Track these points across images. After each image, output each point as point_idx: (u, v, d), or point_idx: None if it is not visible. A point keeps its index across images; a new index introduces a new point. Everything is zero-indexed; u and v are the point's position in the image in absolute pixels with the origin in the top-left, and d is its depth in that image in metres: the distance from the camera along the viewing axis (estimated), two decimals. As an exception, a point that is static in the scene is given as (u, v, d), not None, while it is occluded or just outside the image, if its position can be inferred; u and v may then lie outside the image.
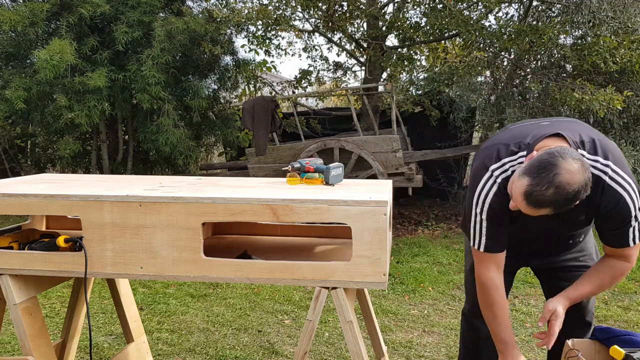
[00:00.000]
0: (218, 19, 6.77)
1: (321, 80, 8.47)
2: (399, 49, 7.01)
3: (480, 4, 6.44)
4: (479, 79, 6.86)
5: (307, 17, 7.41)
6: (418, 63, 7.40)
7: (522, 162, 1.64)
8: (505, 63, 6.63)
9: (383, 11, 7.09)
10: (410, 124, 7.56)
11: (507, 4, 6.69)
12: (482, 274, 1.79)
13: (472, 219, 1.75)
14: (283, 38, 8.22)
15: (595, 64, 5.54)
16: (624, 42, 5.52)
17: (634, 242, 1.73)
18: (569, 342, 2.29)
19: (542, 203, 1.51)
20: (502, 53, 6.45)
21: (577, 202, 1.55)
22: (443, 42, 7.60)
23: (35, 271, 1.73)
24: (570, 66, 6.19)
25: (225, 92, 8.09)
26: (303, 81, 7.99)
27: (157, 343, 3.10)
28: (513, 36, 5.89)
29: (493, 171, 1.68)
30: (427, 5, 6.51)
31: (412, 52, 7.00)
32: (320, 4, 6.70)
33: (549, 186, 1.48)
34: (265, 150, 6.60)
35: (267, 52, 8.09)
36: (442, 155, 6.51)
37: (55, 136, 7.21)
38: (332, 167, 1.90)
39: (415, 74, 7.45)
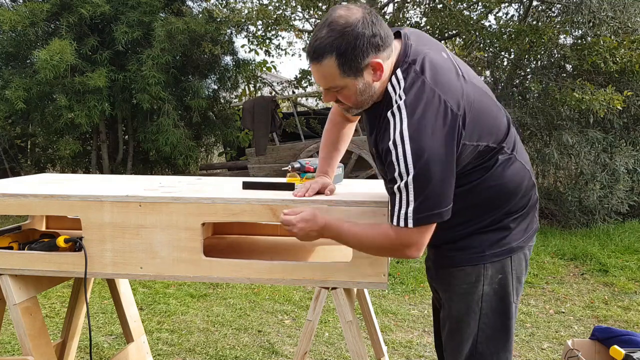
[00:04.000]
0: (218, 19, 6.77)
1: (321, 80, 8.46)
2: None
3: (480, 4, 6.44)
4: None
5: (307, 17, 7.41)
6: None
7: None
8: (505, 63, 6.64)
9: (383, 11, 7.09)
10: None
11: (507, 4, 6.69)
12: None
13: None
14: (283, 38, 8.25)
15: (595, 64, 5.54)
16: (624, 42, 5.52)
17: (398, 223, 1.32)
18: (569, 342, 2.29)
19: (317, 48, 1.32)
20: (502, 53, 6.45)
21: (359, 43, 1.28)
22: (443, 42, 7.60)
23: (35, 271, 1.73)
24: (570, 66, 6.20)
25: (225, 92, 8.10)
26: (303, 81, 8.00)
27: (157, 343, 3.10)
28: (513, 36, 5.90)
29: None
30: (427, 5, 6.52)
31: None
32: (320, 4, 6.70)
33: (322, 27, 1.33)
34: (265, 150, 6.60)
35: (267, 52, 8.09)
36: None
37: (55, 136, 7.22)
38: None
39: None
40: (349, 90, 1.38)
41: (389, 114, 1.32)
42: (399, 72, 1.35)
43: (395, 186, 1.31)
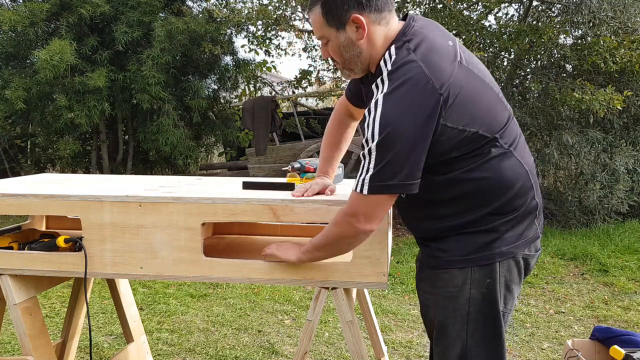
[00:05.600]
0: (218, 19, 6.77)
1: (321, 80, 8.47)
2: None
3: (480, 4, 6.44)
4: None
5: (307, 17, 7.40)
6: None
7: None
8: (505, 63, 6.63)
9: (383, 11, 7.08)
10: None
11: (507, 4, 6.69)
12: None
13: None
14: (283, 38, 8.23)
15: (595, 64, 5.54)
16: (624, 42, 5.52)
17: (355, 188, 1.35)
18: (569, 342, 2.29)
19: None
20: (502, 53, 6.45)
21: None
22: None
23: (35, 271, 1.73)
24: (570, 66, 6.20)
25: (225, 92, 8.10)
26: (303, 81, 7.99)
27: (157, 343, 3.10)
28: (513, 36, 5.90)
29: None
30: (427, 5, 6.51)
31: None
32: (320, 4, 6.69)
33: None
34: (265, 150, 6.60)
35: (267, 52, 8.09)
36: None
37: (55, 136, 7.22)
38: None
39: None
40: (333, 43, 1.43)
41: (373, 86, 1.36)
42: (392, 48, 1.38)
43: (362, 153, 1.34)
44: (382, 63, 1.38)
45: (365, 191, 1.31)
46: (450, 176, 1.38)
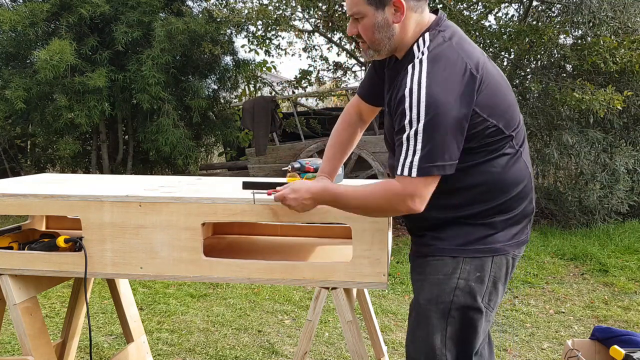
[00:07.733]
0: (218, 19, 6.77)
1: (321, 80, 8.46)
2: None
3: (480, 4, 6.44)
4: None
5: (307, 17, 7.41)
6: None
7: None
8: (505, 63, 6.63)
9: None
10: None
11: (507, 4, 6.68)
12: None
13: None
14: (283, 38, 8.21)
15: (595, 64, 5.54)
16: (624, 42, 5.52)
17: (402, 172, 1.33)
18: (569, 342, 2.29)
19: None
20: (502, 53, 6.45)
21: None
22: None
23: (35, 271, 1.73)
24: (570, 66, 6.19)
25: (225, 92, 8.09)
26: (303, 81, 7.99)
27: (157, 343, 3.10)
28: (513, 36, 5.89)
29: None
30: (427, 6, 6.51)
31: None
32: (320, 4, 6.70)
33: None
34: (265, 150, 6.59)
35: (267, 52, 8.09)
36: None
37: (55, 136, 7.21)
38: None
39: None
40: (368, 21, 1.42)
41: (409, 66, 1.38)
42: (427, 34, 1.42)
43: (404, 135, 1.33)
44: (415, 47, 1.42)
45: (414, 173, 1.31)
46: (463, 166, 1.39)
